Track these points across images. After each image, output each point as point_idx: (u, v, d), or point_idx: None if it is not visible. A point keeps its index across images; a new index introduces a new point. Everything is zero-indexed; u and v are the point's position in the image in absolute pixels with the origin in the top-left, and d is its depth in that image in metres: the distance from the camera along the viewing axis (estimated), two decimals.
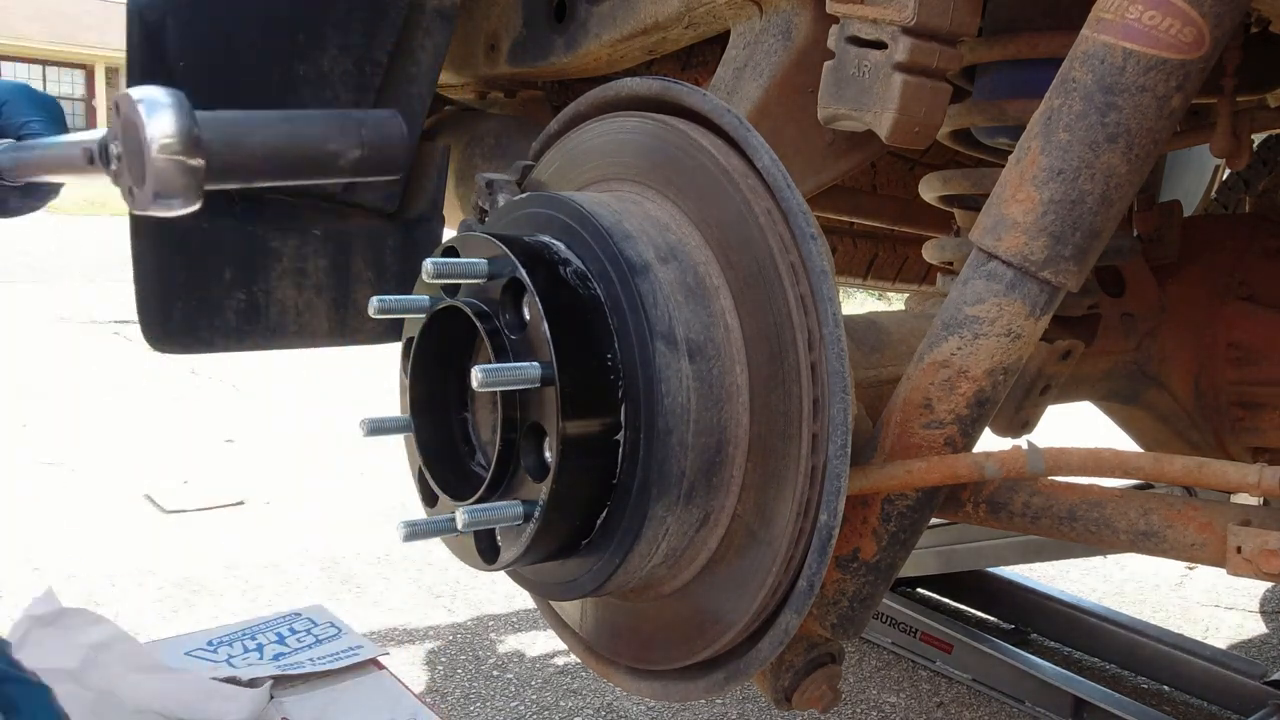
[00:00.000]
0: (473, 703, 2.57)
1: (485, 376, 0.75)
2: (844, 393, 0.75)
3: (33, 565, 3.29)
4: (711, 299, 0.82)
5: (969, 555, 2.98)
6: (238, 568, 3.38)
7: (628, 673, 0.97)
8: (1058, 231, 0.86)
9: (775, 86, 1.22)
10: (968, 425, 0.92)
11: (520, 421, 0.80)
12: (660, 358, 0.77)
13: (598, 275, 0.81)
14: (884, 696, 2.72)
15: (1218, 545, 0.84)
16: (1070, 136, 0.85)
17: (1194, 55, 0.82)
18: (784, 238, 0.78)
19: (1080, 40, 0.86)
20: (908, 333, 1.15)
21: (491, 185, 0.99)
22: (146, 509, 3.92)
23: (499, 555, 0.84)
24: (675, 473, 0.78)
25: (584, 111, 0.98)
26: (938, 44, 1.02)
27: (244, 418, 5.08)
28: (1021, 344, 0.90)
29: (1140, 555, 1.08)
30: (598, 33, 1.41)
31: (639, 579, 0.85)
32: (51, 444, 4.65)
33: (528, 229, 0.88)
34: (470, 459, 0.93)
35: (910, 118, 1.03)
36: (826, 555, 0.76)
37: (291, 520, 3.88)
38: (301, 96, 1.29)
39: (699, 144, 0.83)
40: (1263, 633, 3.26)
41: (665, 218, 0.85)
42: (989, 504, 0.96)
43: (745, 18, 1.27)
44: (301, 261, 1.38)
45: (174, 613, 2.99)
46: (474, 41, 1.64)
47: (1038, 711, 2.54)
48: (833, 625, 0.96)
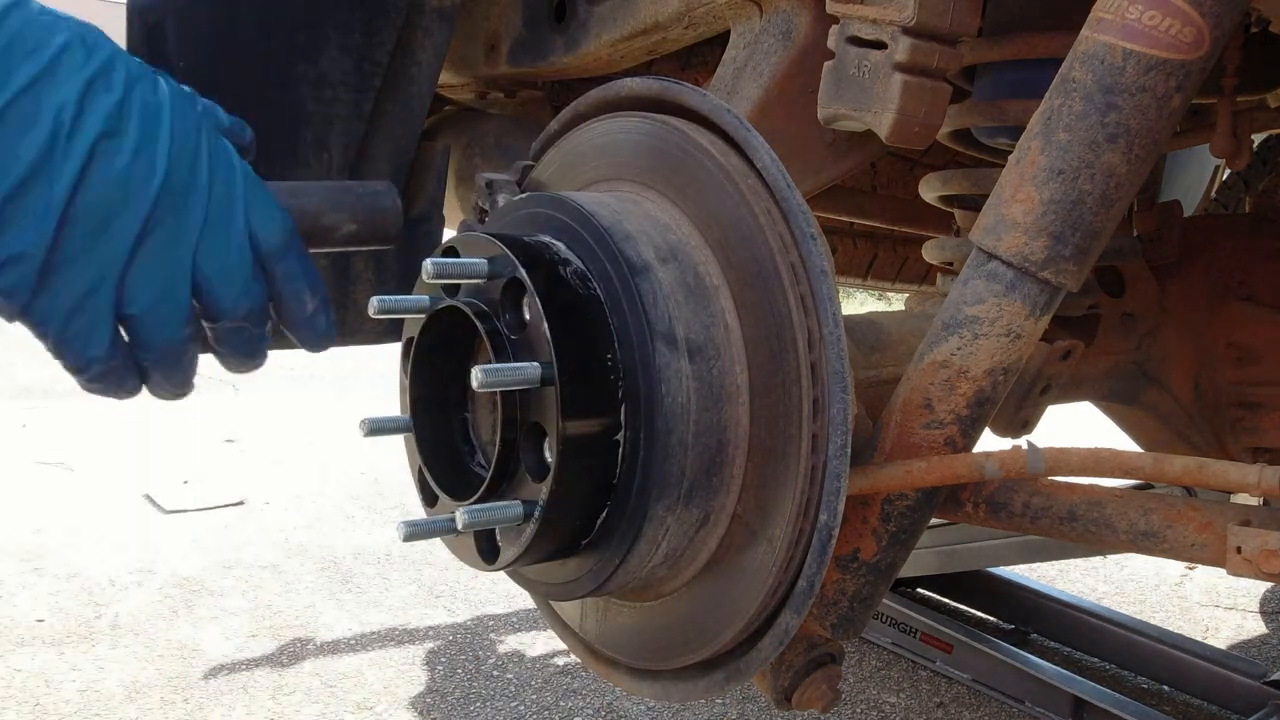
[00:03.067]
0: (473, 703, 2.57)
1: (485, 377, 0.75)
2: (844, 393, 0.75)
3: (33, 565, 3.29)
4: (711, 299, 0.82)
5: (969, 555, 2.98)
6: (238, 568, 3.38)
7: (628, 673, 0.97)
8: (1058, 231, 0.86)
9: (775, 86, 1.22)
10: (968, 425, 0.92)
11: (520, 421, 0.80)
12: (660, 358, 0.77)
13: (598, 275, 0.81)
14: (884, 696, 2.72)
15: (1218, 545, 0.84)
16: (1070, 136, 0.85)
17: (1194, 55, 0.82)
18: (784, 238, 0.78)
19: (1080, 40, 0.86)
20: (908, 333, 1.15)
21: (491, 185, 0.99)
22: (146, 509, 3.93)
23: (499, 555, 0.84)
24: (675, 473, 0.78)
25: (584, 111, 0.98)
26: (938, 44, 1.02)
27: (244, 418, 5.08)
28: (1021, 344, 0.90)
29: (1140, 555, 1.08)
30: (598, 33, 1.41)
31: (639, 579, 0.85)
32: (51, 444, 4.66)
33: (528, 229, 0.88)
34: (470, 459, 0.93)
35: (910, 118, 1.03)
36: (826, 555, 0.76)
37: (292, 520, 3.88)
38: (301, 96, 1.29)
39: (699, 144, 0.83)
40: (1263, 633, 3.26)
41: (665, 218, 0.85)
42: (989, 504, 0.96)
43: (745, 18, 1.27)
44: None
45: (174, 613, 2.99)
46: (474, 41, 1.64)
47: (1038, 711, 2.54)
48: (833, 625, 0.96)
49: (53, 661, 2.66)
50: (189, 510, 3.92)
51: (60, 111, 0.60)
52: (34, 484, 4.11)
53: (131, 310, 0.65)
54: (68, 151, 0.60)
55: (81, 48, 0.63)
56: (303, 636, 2.89)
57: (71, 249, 0.61)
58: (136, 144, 0.63)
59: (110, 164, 0.62)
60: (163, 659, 2.71)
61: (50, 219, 0.60)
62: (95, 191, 0.61)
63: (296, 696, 2.55)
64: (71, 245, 0.61)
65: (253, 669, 2.68)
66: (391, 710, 2.51)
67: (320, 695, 2.56)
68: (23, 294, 0.61)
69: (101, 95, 0.63)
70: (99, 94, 0.63)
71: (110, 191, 0.62)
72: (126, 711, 2.43)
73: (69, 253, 0.61)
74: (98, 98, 0.62)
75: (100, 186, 0.62)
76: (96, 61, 0.63)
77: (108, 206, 0.62)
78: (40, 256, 0.60)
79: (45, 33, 0.62)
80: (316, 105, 1.30)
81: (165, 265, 0.65)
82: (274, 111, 1.28)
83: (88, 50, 0.63)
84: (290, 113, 1.29)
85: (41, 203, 0.59)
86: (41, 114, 0.60)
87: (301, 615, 3.04)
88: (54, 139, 0.60)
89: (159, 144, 0.64)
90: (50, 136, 0.60)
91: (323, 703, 2.53)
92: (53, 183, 0.59)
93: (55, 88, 0.61)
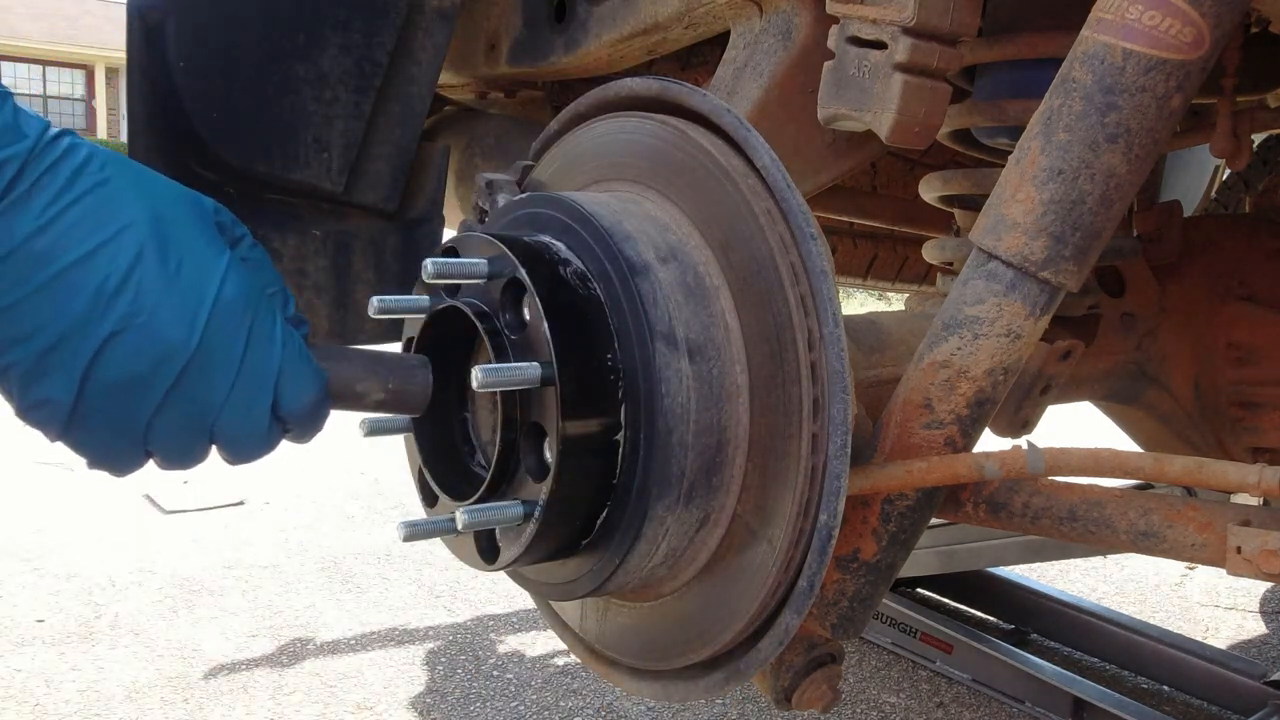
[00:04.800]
0: (473, 703, 2.57)
1: (485, 377, 0.75)
2: (844, 393, 0.75)
3: (33, 565, 3.29)
4: (711, 299, 0.82)
5: (969, 555, 2.98)
6: (237, 568, 3.38)
7: (628, 673, 0.97)
8: (1058, 232, 0.86)
9: (775, 86, 1.22)
10: (968, 425, 0.92)
11: (520, 422, 0.80)
12: (660, 358, 0.77)
13: (598, 275, 0.81)
14: (884, 696, 2.72)
15: (1218, 545, 0.84)
16: (1070, 136, 0.85)
17: (1194, 55, 0.82)
18: (784, 238, 0.78)
19: (1080, 40, 0.86)
20: (908, 333, 1.15)
21: (491, 185, 0.99)
22: (146, 509, 3.93)
23: (499, 555, 0.84)
24: (675, 473, 0.78)
25: (584, 112, 0.98)
26: (938, 44, 1.02)
27: None
28: (1021, 344, 0.90)
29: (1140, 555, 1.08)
30: (598, 33, 1.41)
31: (639, 579, 0.85)
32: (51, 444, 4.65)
33: (528, 229, 0.88)
34: (470, 459, 0.93)
35: (910, 118, 1.03)
36: (826, 555, 0.76)
37: (291, 520, 3.88)
38: (301, 97, 1.29)
39: (699, 144, 0.83)
40: (1263, 633, 3.26)
41: (665, 218, 0.85)
42: (989, 504, 0.96)
43: (745, 18, 1.27)
44: (301, 261, 1.38)
45: (174, 613, 2.99)
46: (474, 41, 1.64)
47: (1038, 711, 2.54)
48: (833, 625, 0.96)
49: (52, 661, 2.66)
50: (189, 510, 3.92)
51: (105, 281, 0.65)
52: (34, 484, 4.11)
53: (153, 449, 0.71)
54: (103, 316, 0.65)
55: (148, 223, 0.68)
56: (303, 636, 2.89)
57: (95, 404, 0.67)
58: (174, 316, 0.67)
59: (139, 335, 0.66)
60: (162, 659, 2.71)
61: (75, 375, 0.65)
62: (119, 356, 0.66)
63: (296, 696, 2.55)
64: (94, 401, 0.67)
65: (253, 669, 2.68)
66: (391, 710, 2.51)
67: (320, 695, 2.56)
68: (55, 429, 0.68)
69: (151, 266, 0.67)
70: (149, 264, 0.67)
71: (134, 360, 0.66)
72: (126, 711, 2.43)
73: (93, 406, 0.67)
74: (147, 267, 0.67)
75: (125, 353, 0.66)
76: (154, 238, 0.68)
77: (131, 372, 0.66)
78: (68, 405, 0.66)
79: (115, 207, 0.66)
80: (316, 105, 1.30)
81: (185, 427, 0.70)
82: (274, 111, 1.28)
83: (153, 224, 0.68)
84: (290, 113, 1.29)
85: (70, 360, 0.65)
86: (89, 282, 0.65)
87: (301, 615, 3.04)
88: (95, 303, 0.65)
89: (198, 319, 0.68)
90: (91, 301, 0.65)
91: (323, 703, 2.53)
92: (82, 344, 0.65)
93: (111, 258, 0.66)
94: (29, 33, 25.41)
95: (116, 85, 26.35)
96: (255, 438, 0.72)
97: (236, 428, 0.71)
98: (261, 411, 0.72)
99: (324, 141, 1.32)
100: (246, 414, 0.71)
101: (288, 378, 0.73)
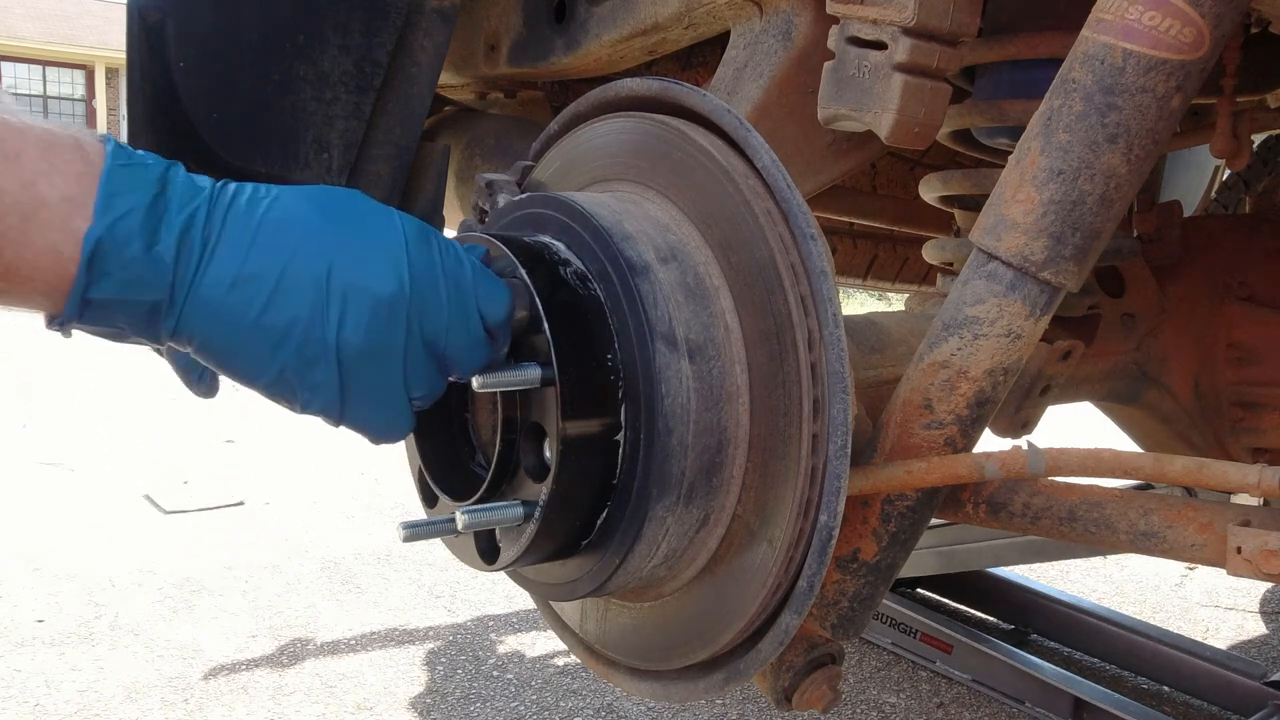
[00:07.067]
0: (473, 703, 2.57)
1: (485, 377, 0.75)
2: (844, 393, 0.75)
3: (33, 565, 3.29)
4: (712, 299, 0.82)
5: (969, 555, 2.98)
6: (238, 568, 3.38)
7: (628, 673, 0.97)
8: (1058, 232, 0.86)
9: (775, 87, 1.22)
10: (968, 426, 0.92)
11: (520, 422, 0.80)
12: (660, 358, 0.77)
13: (598, 276, 0.81)
14: (884, 696, 2.72)
15: (1218, 545, 0.84)
16: (1070, 137, 0.85)
17: (1194, 55, 0.82)
18: (784, 238, 0.78)
19: (1080, 41, 0.86)
20: (908, 333, 1.15)
21: (491, 185, 0.99)
22: (146, 509, 3.93)
23: (499, 556, 0.84)
24: (675, 473, 0.78)
25: (584, 112, 0.98)
26: (938, 44, 1.02)
27: (244, 418, 5.07)
28: (1021, 344, 0.90)
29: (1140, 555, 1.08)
30: (598, 33, 1.41)
31: (639, 579, 0.85)
32: (51, 444, 4.66)
33: (528, 229, 0.88)
34: (470, 459, 0.93)
35: (910, 118, 1.03)
36: (826, 556, 0.76)
37: (291, 520, 3.88)
38: (301, 97, 1.29)
39: (699, 144, 0.83)
40: (1263, 633, 3.26)
41: (665, 218, 0.85)
42: (989, 504, 0.96)
43: (745, 18, 1.27)
44: None
45: (174, 613, 2.99)
46: (474, 41, 1.64)
47: (1038, 712, 2.54)
48: (833, 626, 0.96)
49: (52, 662, 2.66)
50: (189, 510, 3.92)
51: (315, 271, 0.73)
52: (34, 484, 4.11)
53: (414, 394, 0.78)
54: (329, 299, 0.73)
55: (317, 213, 0.75)
56: (303, 636, 2.89)
57: (356, 375, 0.74)
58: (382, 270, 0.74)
59: (363, 300, 0.73)
60: (162, 659, 2.71)
61: (331, 357, 0.73)
62: (355, 324, 0.73)
63: (296, 696, 2.55)
64: (354, 373, 0.74)
65: (253, 669, 2.68)
66: (391, 711, 2.51)
67: (320, 695, 2.56)
68: (335, 412, 0.75)
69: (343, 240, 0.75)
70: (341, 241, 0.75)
71: (369, 323, 0.73)
72: (126, 712, 2.43)
73: (356, 377, 0.74)
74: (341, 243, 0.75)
75: (359, 320, 0.73)
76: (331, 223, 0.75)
77: (370, 334, 0.73)
78: (336, 384, 0.74)
79: (288, 214, 0.74)
80: (316, 105, 1.30)
81: (428, 362, 0.77)
82: (274, 111, 1.28)
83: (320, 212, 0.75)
84: (290, 113, 1.29)
85: (322, 348, 0.73)
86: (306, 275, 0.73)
87: (301, 615, 3.04)
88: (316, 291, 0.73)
89: (400, 265, 0.75)
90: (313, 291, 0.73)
91: (323, 703, 2.53)
92: (324, 329, 0.73)
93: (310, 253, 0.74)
94: (28, 33, 25.38)
95: (116, 85, 26.32)
96: (478, 347, 0.78)
97: (462, 342, 0.77)
98: (475, 321, 0.77)
99: (324, 142, 1.31)
100: (465, 327, 0.77)
101: (483, 290, 0.78)
